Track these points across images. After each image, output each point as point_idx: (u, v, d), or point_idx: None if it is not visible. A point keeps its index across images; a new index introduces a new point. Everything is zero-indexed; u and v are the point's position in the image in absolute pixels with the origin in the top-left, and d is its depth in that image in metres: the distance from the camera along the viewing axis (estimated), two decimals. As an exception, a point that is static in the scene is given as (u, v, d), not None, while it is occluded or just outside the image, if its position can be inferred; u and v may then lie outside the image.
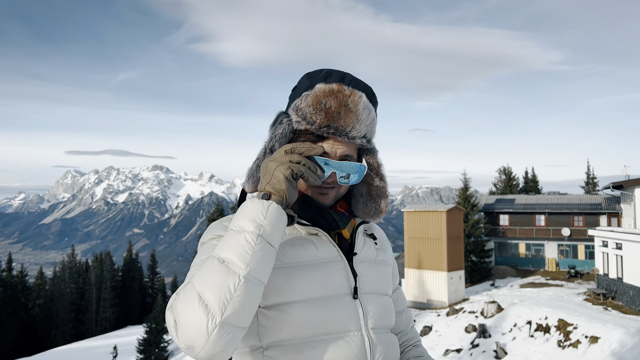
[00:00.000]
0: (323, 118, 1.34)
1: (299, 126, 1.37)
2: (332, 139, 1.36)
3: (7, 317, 42.00)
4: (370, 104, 1.43)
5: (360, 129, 1.37)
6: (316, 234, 1.38)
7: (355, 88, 1.40)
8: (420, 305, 27.16)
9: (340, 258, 1.38)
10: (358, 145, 1.40)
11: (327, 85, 1.38)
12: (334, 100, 1.35)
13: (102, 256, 54.88)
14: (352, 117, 1.35)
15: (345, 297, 1.34)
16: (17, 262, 54.73)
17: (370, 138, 1.44)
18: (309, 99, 1.37)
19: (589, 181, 46.91)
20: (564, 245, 35.87)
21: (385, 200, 1.49)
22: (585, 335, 16.54)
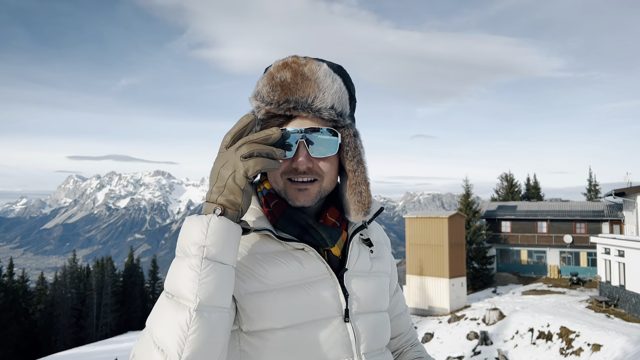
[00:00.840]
0: (280, 93, 1.18)
1: (260, 112, 1.22)
2: (297, 117, 1.20)
3: (8, 322, 41.93)
4: (335, 74, 1.24)
5: (324, 98, 1.19)
6: (302, 249, 1.22)
7: (313, 59, 1.26)
8: (422, 312, 27.06)
9: (329, 276, 1.23)
10: (327, 118, 1.20)
11: (281, 60, 1.25)
12: (288, 71, 1.20)
13: (104, 261, 54.85)
14: (311, 85, 1.18)
15: (335, 320, 1.21)
16: (19, 267, 54.79)
17: (341, 112, 1.23)
18: (264, 78, 1.23)
19: (591, 188, 46.81)
20: (566, 252, 35.76)
21: (366, 187, 1.27)
22: (587, 343, 16.46)
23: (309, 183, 1.21)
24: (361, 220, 1.29)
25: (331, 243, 1.26)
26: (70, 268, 52.10)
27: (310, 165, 1.19)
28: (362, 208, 1.27)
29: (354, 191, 1.27)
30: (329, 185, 1.26)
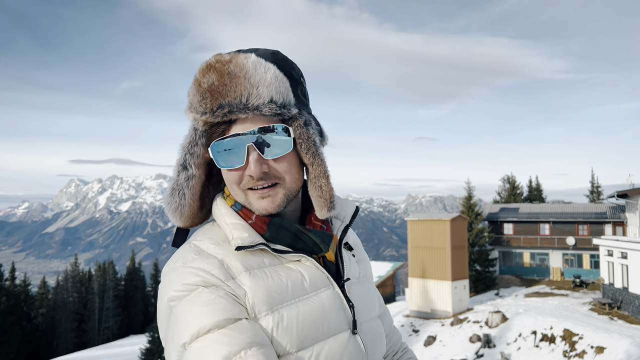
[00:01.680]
0: (211, 99, 1.06)
1: (198, 124, 1.11)
2: (237, 120, 1.08)
3: (10, 326, 41.93)
4: (268, 62, 1.11)
5: (259, 92, 1.06)
6: (299, 260, 1.14)
7: (239, 52, 1.13)
8: (424, 315, 27.00)
9: (331, 286, 1.14)
10: (269, 114, 1.08)
11: (204, 62, 1.12)
12: (213, 73, 1.08)
13: (105, 265, 54.87)
14: (241, 82, 1.06)
15: (344, 334, 1.12)
16: (20, 271, 54.85)
17: (284, 102, 1.10)
18: (192, 87, 1.11)
19: (593, 190, 46.76)
20: (568, 254, 35.69)
21: (326, 181, 1.16)
22: (591, 346, 16.39)
23: (270, 188, 1.11)
24: (325, 215, 1.18)
25: (325, 248, 1.16)
26: (72, 272, 52.13)
27: (266, 169, 1.09)
28: (325, 203, 1.16)
29: (314, 185, 1.16)
30: (293, 185, 1.15)
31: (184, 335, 0.97)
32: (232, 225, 1.12)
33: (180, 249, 1.14)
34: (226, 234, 1.13)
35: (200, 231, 1.20)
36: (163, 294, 1.05)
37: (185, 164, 1.16)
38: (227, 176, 1.13)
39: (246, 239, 1.09)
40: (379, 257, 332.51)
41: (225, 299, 1.01)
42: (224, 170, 1.13)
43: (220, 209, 1.18)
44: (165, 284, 1.06)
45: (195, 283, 1.02)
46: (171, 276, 1.06)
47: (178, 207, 1.17)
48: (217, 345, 0.94)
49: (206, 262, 1.06)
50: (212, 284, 1.03)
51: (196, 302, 1.00)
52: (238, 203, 1.17)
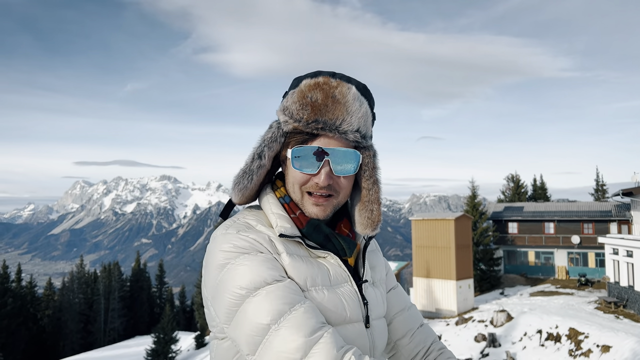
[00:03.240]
0: (310, 112, 1.25)
1: (287, 126, 1.30)
2: (322, 136, 1.27)
3: (17, 327, 42.14)
4: (362, 97, 1.34)
5: (351, 121, 1.27)
6: (325, 257, 1.32)
7: (342, 80, 1.33)
8: (429, 314, 26.98)
9: (350, 283, 1.33)
10: (352, 140, 1.29)
11: (312, 79, 1.32)
12: (320, 92, 1.27)
13: (111, 266, 55.03)
14: (340, 108, 1.26)
15: (358, 325, 1.30)
16: (27, 273, 55.03)
17: (365, 134, 1.32)
18: (294, 95, 1.30)
19: (598, 188, 46.56)
20: (573, 253, 35.56)
21: (378, 207, 1.38)
22: (596, 345, 16.33)
23: (325, 198, 1.30)
24: (368, 234, 1.39)
25: (349, 253, 1.35)
26: (78, 273, 52.33)
27: (331, 182, 1.28)
28: (371, 225, 1.37)
29: (366, 208, 1.37)
30: (343, 200, 1.36)
31: (245, 281, 1.15)
32: (278, 215, 1.32)
33: (229, 221, 1.34)
34: (270, 220, 1.32)
35: (247, 212, 1.39)
36: (214, 251, 1.24)
37: (262, 154, 1.33)
38: (295, 176, 1.32)
39: (288, 230, 1.28)
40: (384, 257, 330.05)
41: (274, 262, 1.21)
42: (292, 170, 1.32)
43: (269, 198, 1.37)
44: (217, 243, 1.24)
45: (247, 247, 1.22)
46: (225, 238, 1.25)
47: (243, 188, 1.34)
48: (281, 292, 1.14)
49: (257, 235, 1.26)
50: (261, 251, 1.22)
51: (254, 259, 1.19)
52: (287, 196, 1.37)
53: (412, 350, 1.57)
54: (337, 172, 1.27)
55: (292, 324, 1.09)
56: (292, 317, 1.10)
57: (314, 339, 1.08)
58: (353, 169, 1.30)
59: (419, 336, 1.59)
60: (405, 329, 1.59)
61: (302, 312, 1.12)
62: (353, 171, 1.30)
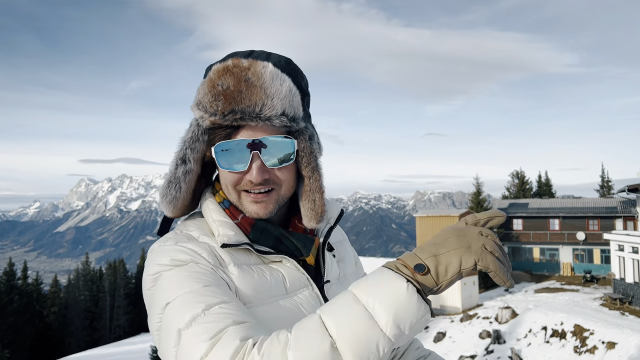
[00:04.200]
0: (224, 103, 1.08)
1: (203, 122, 1.13)
2: (246, 127, 1.11)
3: (23, 324, 42.39)
4: (283, 74, 1.15)
5: (273, 104, 1.10)
6: (280, 261, 1.17)
7: (257, 59, 1.16)
8: (434, 311, 26.97)
9: (310, 287, 1.19)
10: (279, 125, 1.12)
11: (221, 64, 1.14)
12: (230, 77, 1.10)
13: (116, 264, 55.24)
14: (257, 92, 1.09)
15: None
16: (32, 270, 55.37)
17: (294, 116, 1.15)
18: (205, 86, 1.13)
19: (603, 184, 46.36)
20: (579, 249, 35.46)
21: (320, 196, 1.21)
22: (602, 341, 16.30)
23: (265, 194, 1.15)
24: (314, 227, 1.23)
25: (306, 252, 1.21)
26: (83, 271, 52.56)
27: (267, 177, 1.13)
28: (315, 216, 1.21)
29: (308, 198, 1.21)
30: (287, 192, 1.20)
31: (167, 297, 0.99)
32: (219, 222, 1.16)
33: (169, 234, 1.17)
34: (212, 229, 1.16)
35: (188, 222, 1.23)
36: (150, 266, 1.08)
37: (185, 158, 1.18)
38: (225, 176, 1.17)
39: (232, 237, 1.12)
40: (388, 254, 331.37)
41: (213, 274, 1.05)
42: (223, 171, 1.16)
43: (209, 204, 1.22)
44: (154, 257, 1.09)
45: (185, 260, 1.05)
46: (161, 251, 1.09)
47: (173, 199, 1.20)
48: (195, 297, 0.97)
49: (198, 246, 1.10)
50: (202, 264, 1.06)
51: (184, 271, 1.03)
52: (227, 201, 1.21)
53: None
54: (270, 165, 1.12)
55: (201, 326, 0.93)
56: (203, 319, 0.94)
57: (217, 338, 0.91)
58: (288, 158, 1.14)
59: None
60: None
61: (214, 313, 0.95)
62: (289, 160, 1.15)
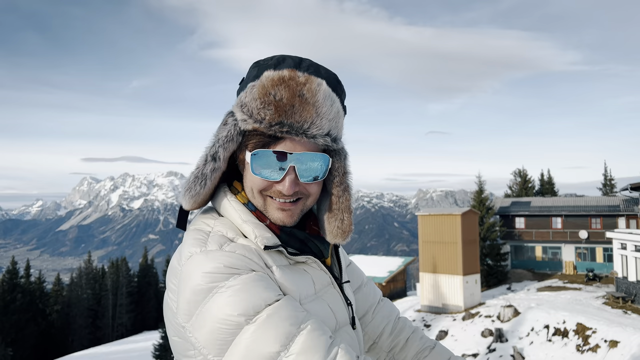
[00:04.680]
0: (273, 113, 1.07)
1: (245, 126, 1.12)
2: (288, 139, 1.10)
3: (26, 323, 42.50)
4: (334, 94, 1.16)
5: (322, 124, 1.10)
6: (305, 261, 1.20)
7: (312, 74, 1.14)
8: (436, 309, 26.96)
9: (333, 286, 1.25)
10: (321, 145, 1.13)
11: (276, 72, 1.11)
12: (285, 90, 1.08)
13: (118, 262, 55.32)
14: (309, 110, 1.08)
15: (347, 328, 1.23)
16: (35, 269, 55.50)
17: (336, 137, 1.16)
18: (254, 90, 1.11)
19: (606, 183, 46.25)
20: (581, 248, 35.39)
21: (349, 215, 1.22)
22: (604, 340, 16.28)
23: (292, 203, 1.15)
24: (338, 243, 1.25)
25: (326, 254, 1.26)
26: (86, 269, 52.66)
27: (297, 189, 1.13)
28: (342, 234, 1.22)
29: (336, 217, 1.22)
30: (311, 203, 1.20)
31: (242, 307, 0.97)
32: (253, 224, 1.14)
33: (199, 234, 1.13)
34: (243, 230, 1.14)
35: (208, 219, 1.20)
36: (193, 273, 1.03)
37: (216, 156, 1.16)
38: (254, 180, 1.15)
39: (270, 239, 1.12)
40: (390, 252, 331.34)
41: (269, 280, 1.05)
42: (253, 176, 1.15)
43: (233, 204, 1.19)
44: (198, 264, 1.03)
45: (239, 266, 1.03)
46: (208, 257, 1.04)
47: (195, 194, 1.17)
48: (284, 312, 0.98)
49: (245, 249, 1.08)
50: (256, 270, 1.05)
51: (247, 279, 1.01)
52: (251, 203, 1.20)
53: (376, 327, 1.50)
54: (303, 179, 1.12)
55: (304, 346, 0.94)
56: (302, 339, 0.95)
57: (330, 359, 0.95)
58: (321, 175, 1.15)
59: (382, 312, 1.54)
60: (366, 306, 1.52)
61: (310, 330, 0.97)
62: (321, 177, 1.15)
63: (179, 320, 1.05)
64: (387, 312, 1.55)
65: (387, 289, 37.37)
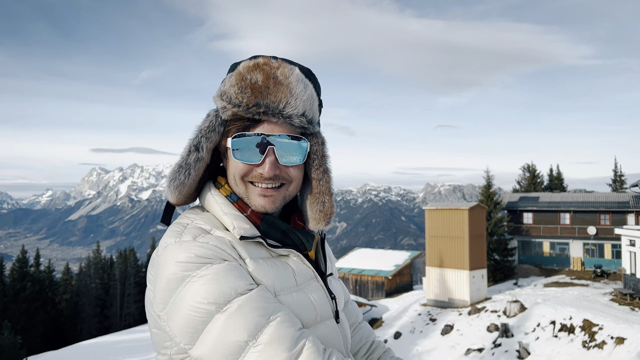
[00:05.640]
0: (250, 95, 1.14)
1: (225, 113, 1.18)
2: (265, 121, 1.17)
3: (35, 311, 43.00)
4: (307, 79, 1.23)
5: (296, 104, 1.16)
6: (287, 255, 1.22)
7: (285, 62, 1.22)
8: (442, 303, 26.96)
9: (316, 279, 1.26)
10: (297, 125, 1.18)
11: (251, 60, 1.20)
12: (260, 73, 1.16)
13: (127, 252, 55.68)
14: (283, 90, 1.15)
15: (330, 322, 1.24)
16: (45, 258, 56.06)
17: (311, 119, 1.22)
18: (232, 78, 1.18)
19: (616, 179, 45.88)
20: (589, 244, 35.18)
21: (330, 198, 1.26)
22: (611, 336, 16.22)
23: (275, 189, 1.20)
24: (321, 229, 1.28)
25: (309, 247, 1.28)
26: (95, 259, 53.05)
27: (277, 172, 1.17)
28: (324, 218, 1.26)
29: (317, 200, 1.26)
30: (294, 191, 1.25)
31: (213, 295, 1.01)
32: (232, 215, 1.18)
33: (177, 227, 1.16)
34: (223, 222, 1.18)
35: (190, 214, 1.24)
36: (168, 265, 1.06)
37: (199, 146, 1.21)
38: (236, 166, 1.20)
39: (248, 230, 1.15)
40: (397, 246, 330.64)
41: (241, 270, 1.09)
42: (233, 161, 1.20)
43: (216, 198, 1.23)
44: (172, 254, 1.07)
45: (211, 256, 1.06)
46: (180, 247, 1.08)
47: (180, 185, 1.21)
48: (254, 302, 1.02)
49: (218, 240, 1.11)
50: (225, 259, 1.08)
51: (219, 269, 1.05)
52: (234, 195, 1.24)
53: (354, 345, 1.53)
54: (283, 162, 1.17)
55: (272, 337, 0.99)
56: (270, 330, 0.99)
57: (296, 351, 0.99)
58: (301, 157, 1.20)
59: (361, 332, 1.57)
60: (349, 322, 1.53)
61: (279, 322, 1.01)
62: (301, 160, 1.20)
63: (156, 309, 1.10)
64: (366, 333, 1.59)
65: (393, 282, 37.38)
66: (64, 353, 35.79)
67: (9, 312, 39.88)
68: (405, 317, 26.14)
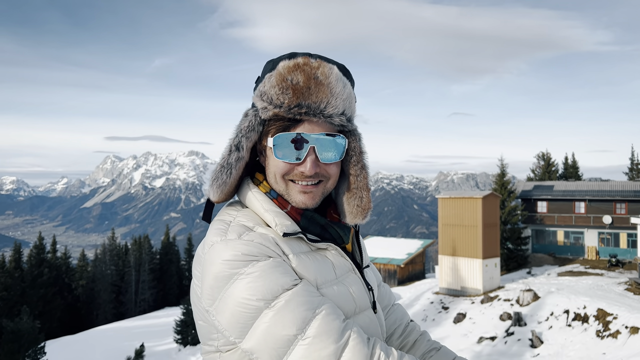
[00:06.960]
0: (291, 96, 1.16)
1: (266, 114, 1.21)
2: (306, 121, 1.19)
3: (52, 296, 43.78)
4: (345, 77, 1.26)
5: (336, 104, 1.19)
6: (326, 248, 1.26)
7: (323, 61, 1.24)
8: (454, 292, 26.95)
9: (354, 271, 1.29)
10: (337, 124, 1.22)
11: (291, 60, 1.21)
12: (301, 74, 1.18)
13: (141, 239, 56.30)
14: (324, 90, 1.18)
15: (368, 313, 1.28)
16: (61, 244, 56.93)
17: (350, 117, 1.26)
18: (272, 79, 1.20)
19: (633, 167, 45.24)
20: (605, 233, 34.84)
21: (367, 193, 1.29)
22: (625, 326, 16.10)
23: (314, 186, 1.23)
24: (358, 223, 1.33)
25: (346, 240, 1.31)
26: (110, 246, 53.72)
27: (318, 170, 1.21)
28: (361, 212, 1.30)
29: (355, 195, 1.29)
30: (331, 186, 1.28)
31: (260, 292, 1.06)
32: (274, 212, 1.22)
33: (221, 224, 1.20)
34: (265, 219, 1.22)
35: (231, 210, 1.28)
36: (214, 261, 1.11)
37: (239, 146, 1.24)
38: (277, 165, 1.23)
39: (289, 227, 1.19)
40: (409, 235, 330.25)
41: (286, 266, 1.13)
42: (274, 160, 1.23)
43: (256, 195, 1.26)
44: (217, 252, 1.11)
45: (257, 253, 1.11)
46: (226, 245, 1.12)
47: (222, 184, 1.24)
48: (301, 297, 1.07)
49: (262, 238, 1.15)
50: (270, 255, 1.12)
51: (265, 266, 1.09)
52: (273, 191, 1.27)
53: (388, 327, 1.56)
54: (323, 160, 1.20)
55: (319, 330, 1.04)
56: (317, 323, 1.04)
57: (343, 342, 1.03)
58: (340, 155, 1.23)
59: (395, 314, 1.60)
60: (381, 305, 1.57)
61: (325, 314, 1.06)
62: (340, 157, 1.23)
63: (203, 304, 1.15)
64: (400, 315, 1.61)
65: (405, 271, 37.43)
66: (81, 337, 36.46)
67: (27, 297, 40.61)
68: (417, 305, 26.19)
